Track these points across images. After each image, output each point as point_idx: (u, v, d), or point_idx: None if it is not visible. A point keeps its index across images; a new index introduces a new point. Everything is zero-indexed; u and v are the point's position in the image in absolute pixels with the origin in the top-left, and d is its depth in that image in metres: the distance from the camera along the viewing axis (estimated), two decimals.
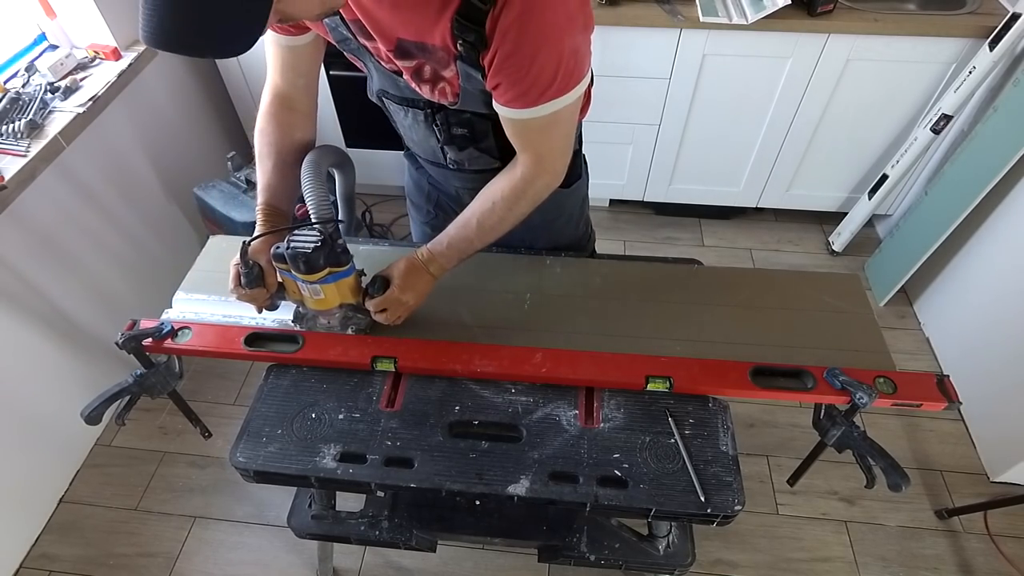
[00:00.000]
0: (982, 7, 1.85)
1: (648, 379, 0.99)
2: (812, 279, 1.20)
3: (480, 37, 0.76)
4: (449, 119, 0.97)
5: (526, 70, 0.78)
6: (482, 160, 1.04)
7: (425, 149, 1.08)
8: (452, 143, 1.01)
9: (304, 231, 0.90)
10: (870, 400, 0.91)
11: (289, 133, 1.05)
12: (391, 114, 1.05)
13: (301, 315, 1.06)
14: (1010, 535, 1.69)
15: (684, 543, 1.21)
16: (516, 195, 0.95)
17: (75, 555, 1.68)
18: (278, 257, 0.91)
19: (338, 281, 0.95)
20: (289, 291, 1.00)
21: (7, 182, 1.41)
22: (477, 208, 0.99)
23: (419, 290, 1.01)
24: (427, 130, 1.01)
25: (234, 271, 0.96)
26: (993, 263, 1.88)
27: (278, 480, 0.96)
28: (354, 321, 1.05)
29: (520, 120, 0.85)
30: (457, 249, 1.01)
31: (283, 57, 0.98)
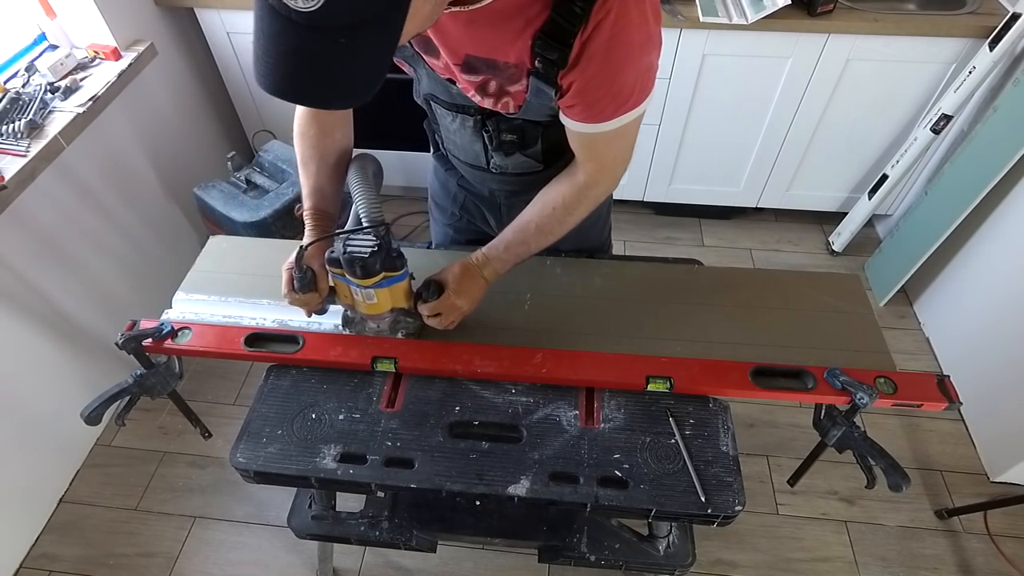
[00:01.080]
0: (982, 7, 1.85)
1: (648, 379, 0.99)
2: (812, 279, 1.20)
3: (563, 56, 0.75)
4: (500, 125, 0.96)
5: (606, 90, 0.79)
6: (527, 165, 1.04)
7: (467, 152, 1.07)
8: (500, 149, 1.00)
9: (360, 235, 0.90)
10: (870, 400, 0.91)
11: (330, 134, 1.03)
12: (437, 117, 1.04)
13: (350, 319, 1.05)
14: (1010, 535, 1.69)
15: (684, 543, 1.21)
16: (577, 201, 0.96)
17: (75, 555, 1.68)
18: (333, 261, 0.90)
19: (392, 286, 0.94)
20: (340, 295, 0.99)
21: (7, 182, 1.40)
22: (535, 213, 0.98)
23: (473, 295, 1.00)
24: (474, 135, 1.00)
25: (287, 275, 0.95)
26: (993, 263, 1.88)
27: (278, 480, 0.96)
28: (403, 325, 1.04)
29: (589, 134, 0.86)
30: (514, 253, 1.00)
31: None
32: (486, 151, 1.03)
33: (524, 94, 0.85)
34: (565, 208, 0.97)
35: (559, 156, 1.01)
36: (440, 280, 1.00)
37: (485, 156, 1.05)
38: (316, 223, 1.00)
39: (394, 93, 2.39)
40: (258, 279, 1.18)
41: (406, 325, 1.05)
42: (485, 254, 1.01)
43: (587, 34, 0.73)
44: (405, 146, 2.38)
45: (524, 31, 0.75)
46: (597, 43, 0.73)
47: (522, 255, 1.01)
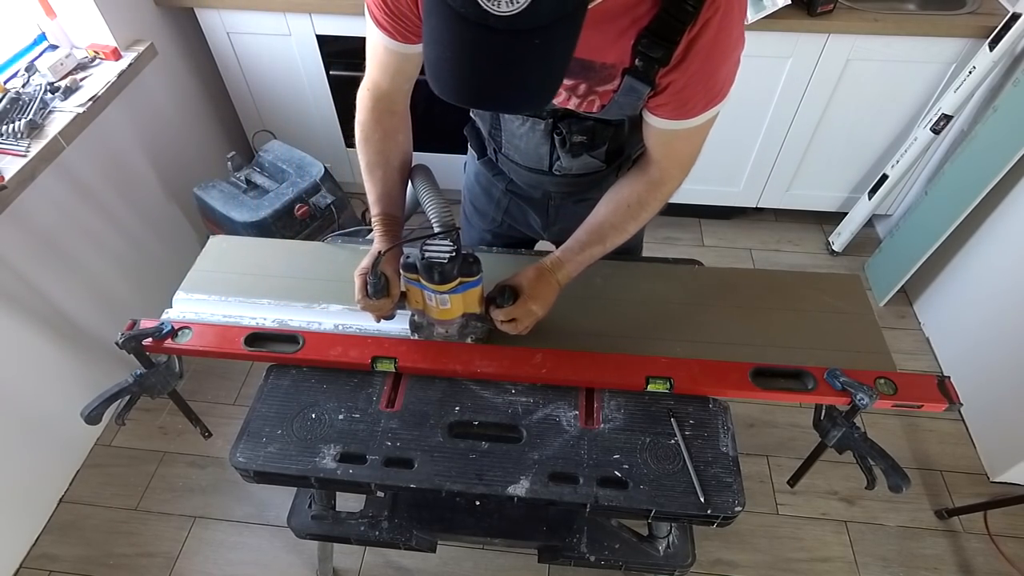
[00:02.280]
0: (982, 7, 1.84)
1: (648, 380, 0.99)
2: (813, 279, 1.20)
3: (668, 54, 0.75)
4: (571, 127, 0.96)
5: (702, 86, 0.79)
6: (591, 165, 1.04)
7: (530, 156, 1.06)
8: (568, 150, 1.00)
9: (436, 241, 0.89)
10: (871, 401, 0.91)
11: (393, 137, 1.04)
12: (501, 123, 1.02)
13: (418, 324, 1.04)
14: (1010, 535, 1.69)
15: (684, 544, 1.21)
16: (650, 199, 0.96)
17: (75, 555, 1.68)
18: (409, 267, 0.90)
19: (466, 291, 0.93)
20: (411, 300, 0.98)
21: (7, 182, 1.40)
22: (608, 212, 0.98)
23: (547, 299, 0.99)
24: (543, 139, 1.00)
25: (360, 281, 0.94)
26: (993, 263, 1.88)
27: (278, 480, 0.96)
28: (472, 329, 1.04)
29: (672, 130, 0.86)
30: (588, 255, 0.99)
31: (392, 61, 0.94)
32: (551, 154, 1.03)
33: (612, 93, 0.85)
34: (640, 205, 0.97)
35: (620, 155, 1.03)
36: (514, 285, 0.98)
37: (550, 159, 1.04)
38: (386, 228, 1.00)
39: None
40: (258, 279, 1.18)
41: (475, 330, 1.04)
42: (559, 257, 1.00)
43: (695, 31, 0.73)
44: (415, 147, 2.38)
45: (628, 30, 0.75)
46: (703, 40, 0.74)
47: (594, 257, 1.00)
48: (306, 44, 2.06)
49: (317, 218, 1.98)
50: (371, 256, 0.97)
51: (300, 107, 2.28)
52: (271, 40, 2.07)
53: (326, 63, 2.12)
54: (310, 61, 2.11)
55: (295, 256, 1.23)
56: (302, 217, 1.94)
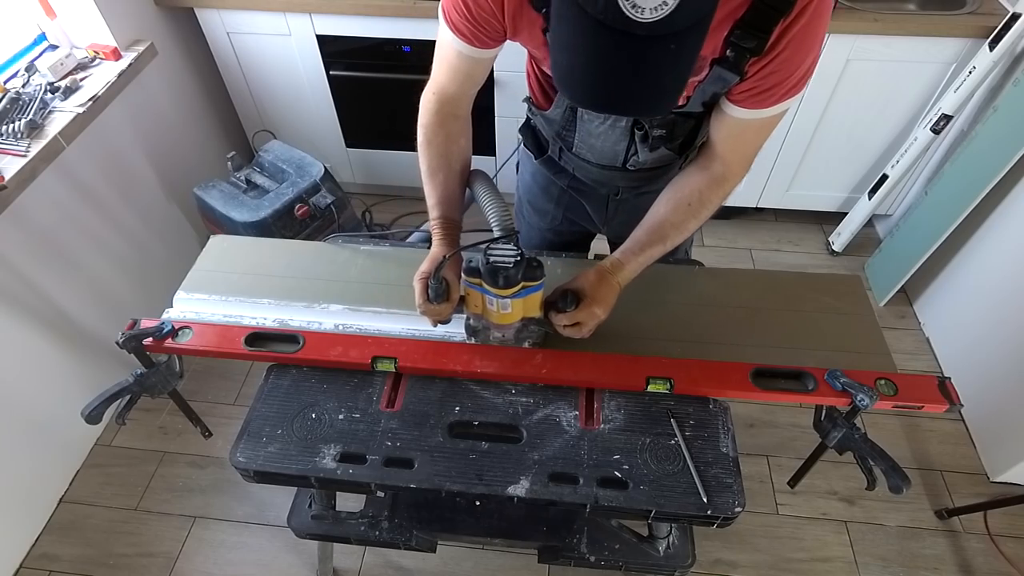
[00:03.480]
0: (982, 7, 1.84)
1: (648, 380, 0.99)
2: (813, 280, 1.20)
3: (761, 44, 0.75)
4: (652, 122, 0.96)
5: (786, 75, 0.79)
6: (665, 157, 1.04)
7: (604, 153, 1.05)
8: (646, 143, 1.00)
9: (500, 245, 0.88)
10: (871, 402, 0.91)
11: (456, 141, 1.03)
12: (582, 121, 1.01)
13: (474, 328, 1.03)
14: (1010, 535, 1.69)
15: (684, 544, 1.21)
16: (711, 196, 0.96)
17: (75, 555, 1.68)
18: (472, 271, 0.89)
19: (528, 296, 0.92)
20: (469, 305, 0.97)
21: (7, 182, 1.41)
22: (667, 211, 0.98)
23: (609, 302, 0.97)
24: (623, 134, 0.99)
25: (421, 286, 0.93)
26: (993, 263, 1.88)
27: (278, 480, 0.96)
28: (528, 333, 1.03)
29: (747, 120, 0.87)
30: (648, 255, 0.99)
31: (463, 66, 0.94)
32: (628, 149, 1.02)
33: (699, 84, 0.85)
34: (700, 203, 0.96)
35: (689, 145, 1.03)
36: (576, 289, 0.97)
37: (625, 154, 1.04)
38: (445, 232, 0.99)
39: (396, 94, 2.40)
40: (259, 278, 1.18)
41: (531, 333, 1.03)
42: (619, 259, 0.98)
43: (789, 20, 0.73)
44: (405, 147, 2.38)
45: (723, 22, 0.75)
46: (796, 28, 0.74)
47: (655, 256, 0.99)
48: (306, 44, 2.06)
49: (317, 218, 1.98)
50: (431, 260, 0.96)
51: (300, 107, 2.28)
52: (271, 40, 2.07)
53: (326, 63, 2.12)
54: (310, 61, 2.11)
55: (295, 256, 1.23)
56: (302, 217, 1.94)
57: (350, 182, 2.55)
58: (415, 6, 1.88)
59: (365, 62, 2.10)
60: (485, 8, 0.82)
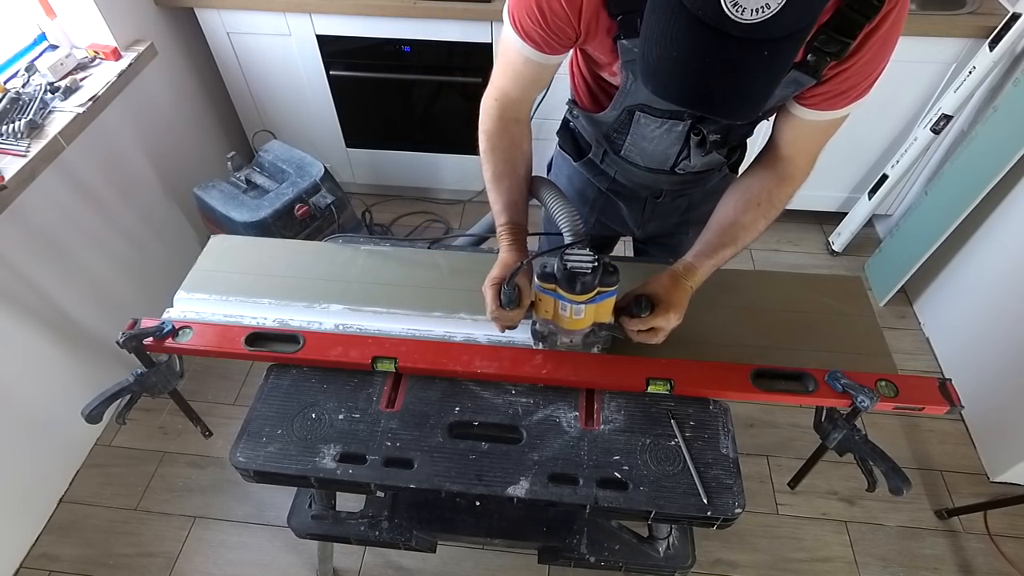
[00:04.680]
0: (982, 7, 1.84)
1: (648, 381, 0.99)
2: (813, 281, 1.20)
3: (844, 49, 0.75)
4: (709, 127, 0.95)
5: (863, 78, 0.80)
6: (715, 161, 1.04)
7: (656, 156, 1.04)
8: (701, 148, 0.99)
9: (576, 251, 0.87)
10: (872, 404, 0.91)
11: (519, 145, 1.02)
12: (637, 125, 0.99)
13: (542, 334, 1.02)
14: (1010, 535, 1.69)
15: (684, 545, 1.21)
16: (781, 195, 0.96)
17: (75, 555, 1.68)
18: (547, 277, 0.89)
19: (602, 301, 0.91)
20: (539, 310, 0.96)
21: (7, 182, 1.40)
22: (737, 212, 0.97)
23: (683, 306, 0.96)
24: (677, 139, 0.99)
25: (493, 292, 0.93)
26: (993, 263, 1.88)
27: (278, 480, 0.96)
28: (596, 339, 1.02)
29: (816, 122, 0.88)
30: (720, 257, 0.98)
31: (529, 72, 0.93)
32: (680, 153, 1.02)
33: None
34: (770, 203, 0.96)
35: (738, 149, 1.05)
36: (650, 294, 0.95)
37: (676, 159, 1.03)
38: (514, 237, 0.99)
39: (396, 94, 2.40)
40: (259, 278, 1.18)
41: (599, 339, 1.02)
42: (692, 263, 0.97)
43: (873, 24, 0.73)
44: (405, 146, 2.39)
45: None
46: (879, 34, 0.74)
47: (727, 258, 0.98)
48: (306, 44, 2.06)
49: (317, 218, 1.98)
50: (502, 266, 0.95)
51: (300, 107, 2.28)
52: (271, 40, 2.07)
53: (326, 63, 2.12)
54: (310, 61, 2.11)
55: (295, 256, 1.23)
56: (302, 217, 1.94)
57: (350, 182, 2.55)
58: (415, 6, 1.88)
59: (365, 62, 2.10)
60: (560, 15, 0.81)
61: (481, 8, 1.87)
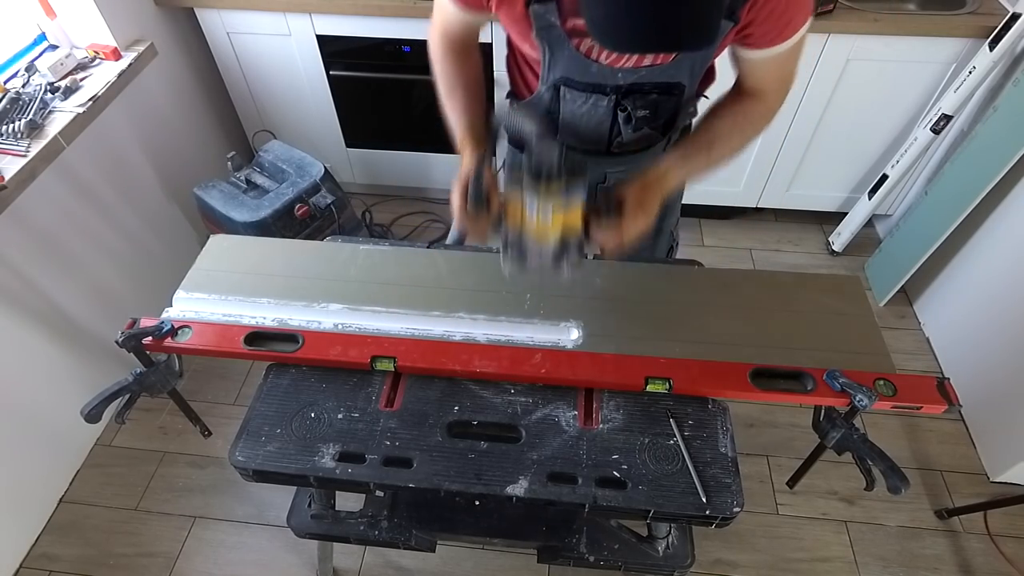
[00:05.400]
0: (982, 7, 1.84)
1: (647, 380, 0.99)
2: (812, 280, 1.20)
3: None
4: (636, 102, 0.98)
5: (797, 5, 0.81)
6: (650, 138, 1.06)
7: (589, 135, 1.06)
8: (630, 124, 1.01)
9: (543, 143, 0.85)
10: (870, 403, 0.91)
11: (466, 61, 1.06)
12: (564, 102, 1.01)
13: (512, 244, 0.95)
14: (1010, 535, 1.69)
15: (684, 544, 1.21)
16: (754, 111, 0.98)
17: (75, 555, 1.69)
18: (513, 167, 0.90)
19: (569, 207, 0.88)
20: (509, 216, 0.91)
21: (7, 182, 1.41)
22: (708, 122, 0.99)
23: (652, 208, 0.94)
24: (605, 114, 1.01)
25: (460, 188, 0.92)
26: (993, 263, 1.88)
27: (277, 479, 0.96)
28: (567, 255, 0.95)
29: (769, 57, 0.89)
30: (693, 164, 0.99)
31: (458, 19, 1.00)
32: (612, 131, 1.04)
33: None
34: (745, 115, 0.98)
35: (671, 126, 1.05)
36: (618, 196, 0.94)
37: (610, 136, 1.05)
38: (477, 138, 1.00)
39: (396, 94, 2.40)
40: (258, 278, 1.18)
41: (570, 256, 0.96)
42: (663, 167, 0.97)
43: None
44: (405, 147, 2.39)
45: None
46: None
47: (699, 168, 0.99)
48: (306, 44, 2.06)
49: (317, 218, 1.99)
50: (467, 165, 0.94)
51: (300, 107, 2.28)
52: (271, 40, 2.07)
53: (326, 63, 2.12)
54: (310, 61, 2.11)
55: (295, 256, 1.24)
56: (302, 217, 1.94)
57: (350, 182, 2.55)
58: (415, 6, 1.88)
59: (365, 62, 2.10)
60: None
61: None
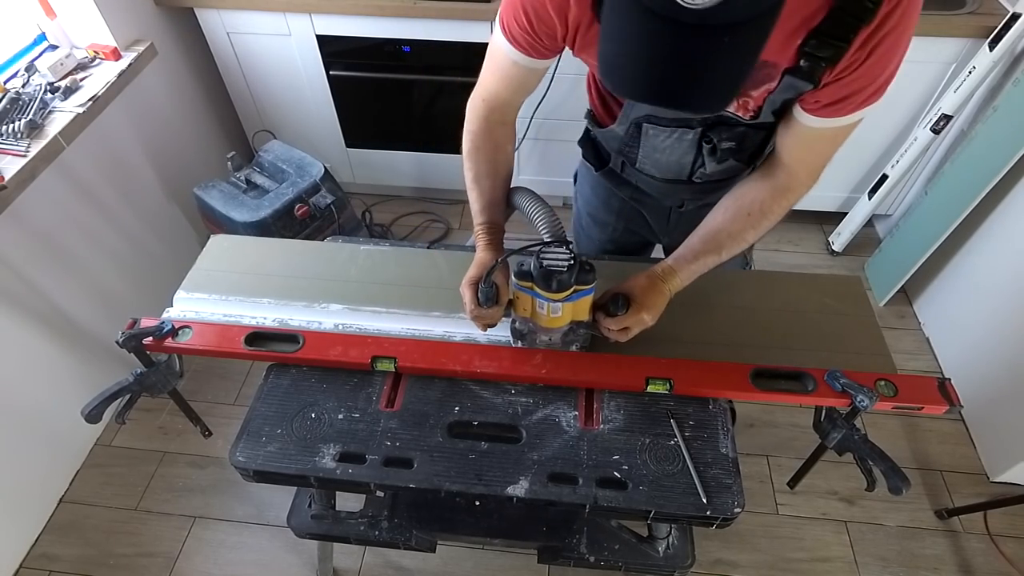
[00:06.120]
0: (982, 7, 1.84)
1: (648, 380, 0.99)
2: (813, 281, 1.20)
3: (838, 53, 0.72)
4: (721, 135, 0.94)
5: (867, 83, 0.76)
6: (733, 169, 1.02)
7: (668, 168, 1.04)
8: (714, 156, 0.98)
9: (552, 250, 0.88)
10: (871, 403, 0.91)
11: (503, 147, 1.03)
12: (644, 137, 0.99)
13: (521, 332, 1.03)
14: (1010, 535, 1.69)
15: (684, 544, 1.21)
16: (773, 207, 0.94)
17: (75, 555, 1.68)
18: (523, 275, 0.89)
19: (579, 299, 0.91)
20: (518, 308, 0.96)
21: (7, 182, 1.40)
22: (726, 221, 0.95)
23: (658, 308, 0.95)
24: (689, 148, 0.98)
25: (471, 292, 0.93)
26: (993, 263, 1.88)
27: (278, 480, 0.96)
28: (575, 336, 1.02)
29: (819, 129, 0.84)
30: (702, 264, 0.96)
31: (516, 75, 0.93)
32: (695, 163, 1.01)
33: (769, 94, 0.82)
34: (761, 214, 0.94)
35: (758, 156, 1.01)
36: (626, 293, 0.95)
37: (692, 168, 1.02)
38: (491, 237, 0.99)
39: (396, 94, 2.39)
40: (259, 278, 1.18)
41: (578, 337, 1.02)
42: (671, 266, 0.97)
43: (871, 28, 0.70)
44: (405, 147, 2.39)
45: (798, 30, 0.72)
46: (880, 36, 0.71)
47: (709, 265, 0.97)
48: (306, 44, 2.06)
49: (317, 218, 1.99)
50: (478, 265, 0.95)
51: (300, 107, 2.28)
52: (271, 40, 2.07)
53: (326, 63, 2.12)
54: (310, 61, 2.11)
55: (295, 256, 1.24)
56: (302, 217, 1.94)
57: (350, 182, 2.55)
58: (415, 6, 1.88)
59: (365, 62, 2.10)
60: (547, 22, 0.81)
61: (481, 8, 1.87)
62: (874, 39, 0.71)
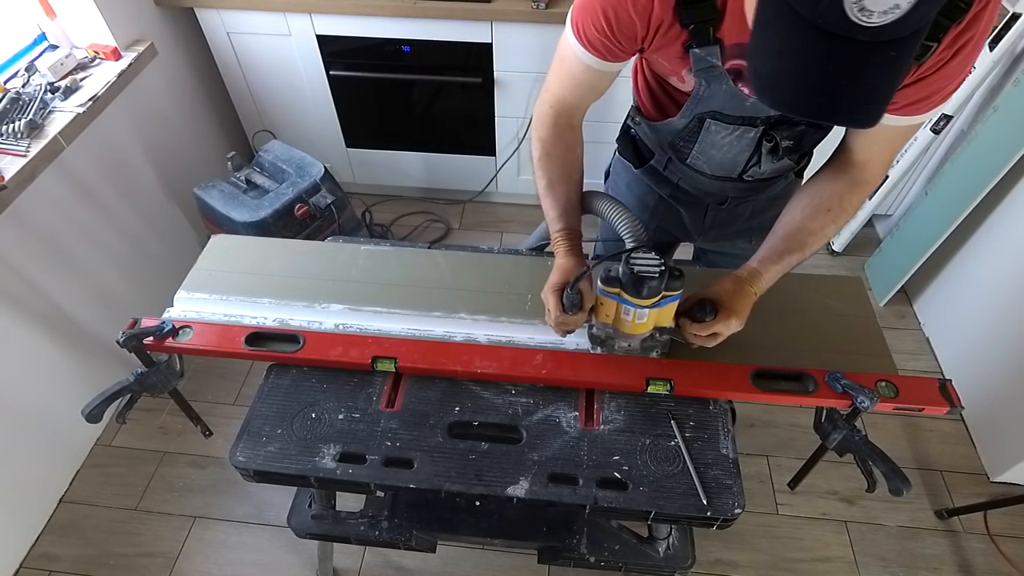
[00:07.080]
0: None
1: (648, 381, 0.99)
2: (814, 281, 1.20)
3: (927, 51, 0.72)
4: (782, 132, 0.94)
5: (949, 81, 0.77)
6: (784, 167, 1.03)
7: (724, 164, 1.04)
8: (774, 154, 0.98)
9: (642, 255, 0.87)
10: (872, 404, 0.91)
11: (573, 151, 1.02)
12: (707, 132, 0.98)
13: (599, 338, 1.03)
14: (1010, 535, 1.69)
15: (684, 545, 1.21)
16: (853, 200, 0.95)
17: (75, 555, 1.68)
18: (610, 280, 0.88)
19: (666, 305, 0.91)
20: (599, 314, 0.96)
21: (7, 182, 1.40)
22: (805, 218, 0.96)
23: (745, 312, 0.95)
24: (748, 145, 0.98)
25: (555, 298, 0.92)
26: (993, 263, 1.88)
27: (278, 480, 0.96)
28: (655, 343, 1.02)
29: (895, 126, 0.85)
30: (787, 263, 0.96)
31: (588, 79, 0.92)
32: (749, 160, 1.01)
33: None
34: (841, 208, 0.95)
35: (808, 155, 1.03)
36: (713, 299, 0.94)
37: (745, 165, 1.02)
38: (571, 243, 0.99)
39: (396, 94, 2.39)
40: (259, 278, 1.18)
41: (657, 343, 1.02)
42: (756, 268, 0.96)
43: (960, 27, 0.70)
44: (405, 147, 2.39)
45: None
46: (967, 36, 0.71)
47: (794, 263, 0.97)
48: (306, 44, 2.06)
49: (317, 218, 1.98)
50: (561, 271, 0.95)
51: (300, 107, 2.28)
52: (271, 40, 2.07)
53: (326, 63, 2.12)
54: (310, 61, 2.11)
55: (296, 256, 1.24)
56: (302, 217, 1.94)
57: (350, 182, 2.55)
58: (415, 6, 1.88)
59: (365, 62, 2.10)
60: (627, 25, 0.81)
61: (481, 8, 1.87)
62: (961, 39, 0.72)
